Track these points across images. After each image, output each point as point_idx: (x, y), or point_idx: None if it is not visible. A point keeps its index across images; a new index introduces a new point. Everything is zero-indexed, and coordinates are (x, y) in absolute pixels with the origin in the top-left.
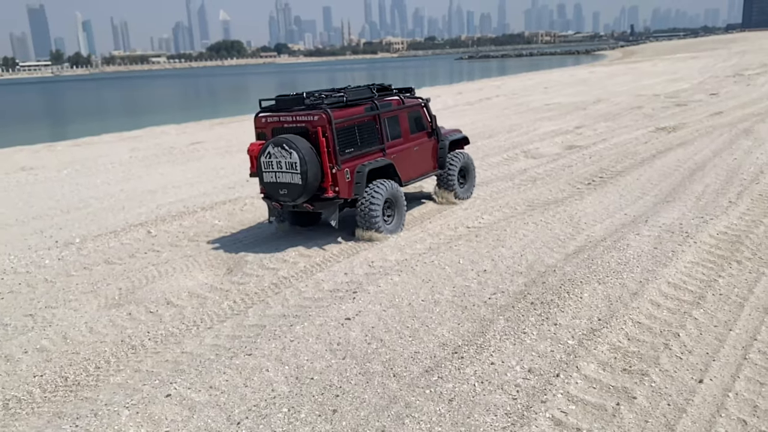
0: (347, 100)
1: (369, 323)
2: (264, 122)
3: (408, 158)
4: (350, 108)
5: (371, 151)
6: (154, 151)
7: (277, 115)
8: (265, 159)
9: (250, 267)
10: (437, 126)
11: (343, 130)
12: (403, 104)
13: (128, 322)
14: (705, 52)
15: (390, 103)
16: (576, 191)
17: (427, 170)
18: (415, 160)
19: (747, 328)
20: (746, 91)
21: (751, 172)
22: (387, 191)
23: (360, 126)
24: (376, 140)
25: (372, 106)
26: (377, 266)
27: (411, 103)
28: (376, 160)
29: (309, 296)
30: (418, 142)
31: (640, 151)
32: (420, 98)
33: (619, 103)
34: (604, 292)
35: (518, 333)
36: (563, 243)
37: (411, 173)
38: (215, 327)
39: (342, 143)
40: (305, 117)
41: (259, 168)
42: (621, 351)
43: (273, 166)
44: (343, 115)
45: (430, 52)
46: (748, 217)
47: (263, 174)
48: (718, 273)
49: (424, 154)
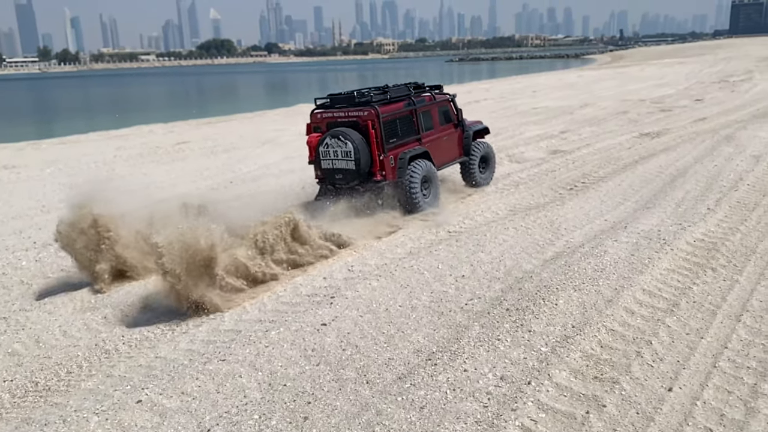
0: (390, 97)
1: (345, 329)
2: (319, 117)
3: (439, 147)
4: (393, 104)
5: (410, 140)
6: (139, 151)
7: (331, 111)
8: (323, 149)
9: None
10: (462, 118)
11: (388, 123)
12: (434, 100)
13: (103, 326)
14: (692, 57)
15: (424, 99)
16: (558, 196)
17: (455, 157)
18: (444, 149)
19: (718, 336)
20: (730, 97)
21: (731, 179)
22: (424, 170)
23: (401, 119)
24: (413, 131)
25: (410, 102)
26: (357, 271)
27: (440, 98)
28: (414, 148)
29: (286, 301)
30: (447, 133)
31: (623, 156)
32: (448, 94)
33: (605, 107)
34: (579, 299)
35: (492, 340)
36: (542, 249)
37: (442, 159)
38: (190, 332)
39: (387, 134)
40: (356, 112)
41: (317, 156)
42: (593, 359)
43: (330, 154)
44: (388, 110)
45: (420, 53)
46: (726, 225)
47: (321, 161)
48: (692, 280)
49: (452, 143)
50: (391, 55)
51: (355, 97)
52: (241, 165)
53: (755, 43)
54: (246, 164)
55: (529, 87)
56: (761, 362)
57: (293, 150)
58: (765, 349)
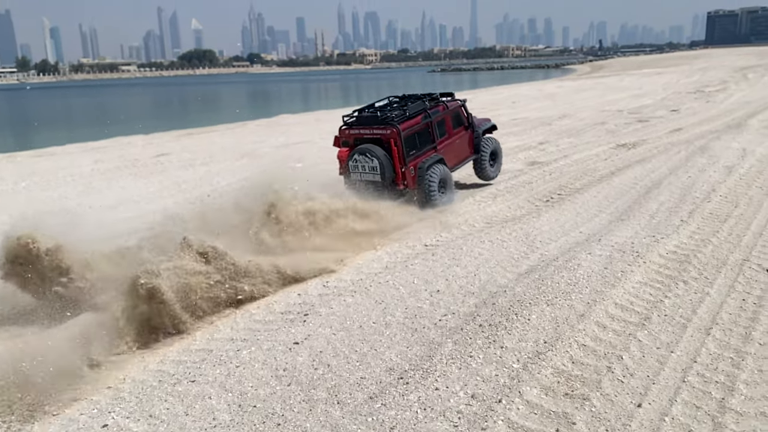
0: (409, 114)
1: (317, 347)
2: (348, 133)
3: (452, 150)
4: (412, 120)
5: (427, 149)
6: (117, 163)
7: (358, 128)
8: (352, 163)
9: None
10: (473, 120)
11: (408, 138)
12: (447, 108)
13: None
14: (670, 67)
15: (438, 110)
16: (534, 208)
17: (466, 156)
18: (457, 150)
19: (688, 350)
20: (706, 107)
21: (704, 191)
22: (440, 175)
23: (419, 133)
24: (429, 141)
25: (426, 115)
26: (332, 287)
27: (452, 106)
28: (431, 156)
29: (259, 318)
30: (459, 136)
31: (599, 168)
32: (459, 100)
33: (584, 118)
34: (552, 314)
35: (465, 357)
36: (517, 262)
37: (454, 161)
38: (161, 351)
39: (407, 148)
40: (380, 130)
41: (347, 168)
42: (564, 375)
43: (359, 168)
44: (407, 126)
45: (403, 64)
46: (698, 236)
47: (351, 173)
48: (664, 293)
49: (463, 144)
50: (374, 65)
51: (378, 117)
52: (219, 178)
53: (731, 53)
54: (224, 177)
55: (510, 98)
56: (729, 376)
57: (271, 162)
58: (733, 362)
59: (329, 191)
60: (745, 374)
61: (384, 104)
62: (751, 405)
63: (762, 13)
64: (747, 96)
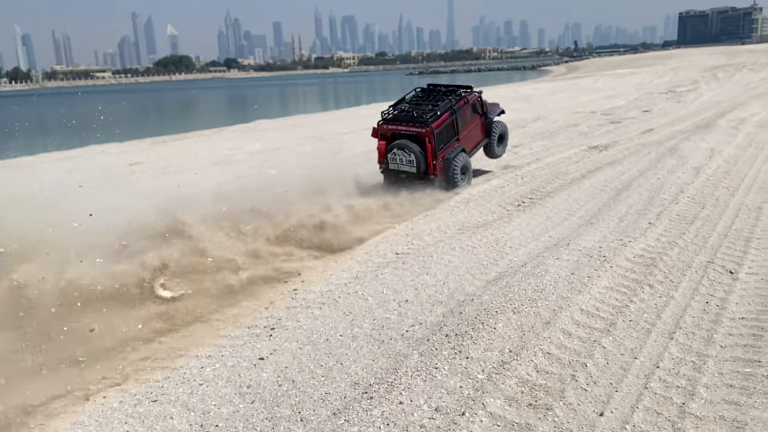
0: (440, 113)
1: (283, 363)
2: (386, 128)
3: (470, 137)
4: (442, 117)
5: (452, 141)
6: (88, 174)
7: (396, 124)
8: (391, 155)
9: None
10: (487, 109)
11: (438, 134)
12: (468, 102)
13: None
14: (643, 68)
15: (461, 105)
16: (506, 213)
17: (480, 141)
18: (474, 137)
19: (651, 356)
20: (677, 108)
21: (672, 192)
22: (462, 162)
23: (447, 128)
24: (454, 134)
25: (452, 111)
26: (300, 298)
27: (472, 98)
28: (455, 147)
29: (225, 334)
30: (475, 124)
31: (571, 170)
32: (476, 92)
33: (557, 120)
34: (518, 322)
35: (430, 368)
36: (486, 269)
37: (471, 147)
38: (125, 370)
39: (438, 143)
40: (416, 128)
41: (386, 160)
42: (528, 384)
43: (396, 160)
44: (439, 124)
45: (381, 67)
46: (665, 239)
47: (389, 164)
48: (630, 298)
49: (478, 130)
50: (352, 68)
51: (414, 116)
52: (192, 187)
53: (702, 53)
54: (196, 186)
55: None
56: (690, 380)
57: (246, 169)
58: (695, 366)
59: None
60: (706, 378)
61: (413, 96)
62: (710, 409)
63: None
64: (717, 96)
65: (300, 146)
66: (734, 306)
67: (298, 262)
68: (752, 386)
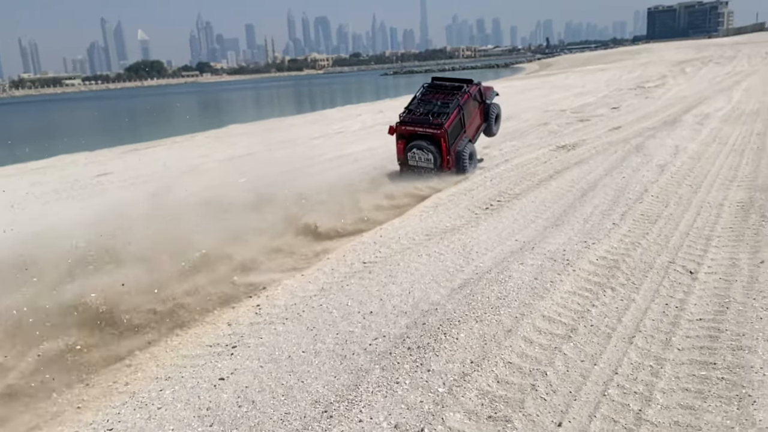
0: (449, 113)
1: (243, 382)
2: (404, 130)
3: (473, 125)
4: (452, 116)
5: (461, 135)
6: (56, 186)
7: (413, 125)
8: (410, 154)
9: None
10: (485, 96)
11: (450, 132)
12: (470, 95)
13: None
14: (613, 63)
15: (466, 100)
16: (474, 217)
17: (480, 125)
18: (475, 125)
19: (610, 361)
20: (645, 104)
21: (637, 191)
22: (469, 150)
23: (456, 124)
24: (462, 128)
25: (459, 109)
26: (264, 313)
27: (473, 90)
28: (463, 139)
29: (186, 353)
30: (476, 112)
31: (538, 171)
32: (478, 84)
33: (528, 120)
34: (480, 331)
35: (391, 383)
36: (451, 276)
37: (473, 133)
38: (82, 395)
39: (450, 140)
40: (431, 129)
41: (405, 157)
42: (489, 396)
43: (415, 158)
44: (450, 123)
45: (355, 68)
46: (628, 239)
47: (408, 161)
48: (592, 302)
49: (478, 117)
50: (326, 70)
51: (430, 120)
52: (158, 198)
53: (670, 47)
54: (164, 197)
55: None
56: (647, 386)
57: (216, 177)
58: (652, 370)
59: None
60: (663, 382)
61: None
62: (666, 415)
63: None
64: (684, 90)
65: (271, 152)
66: (693, 307)
67: (266, 275)
68: (707, 389)
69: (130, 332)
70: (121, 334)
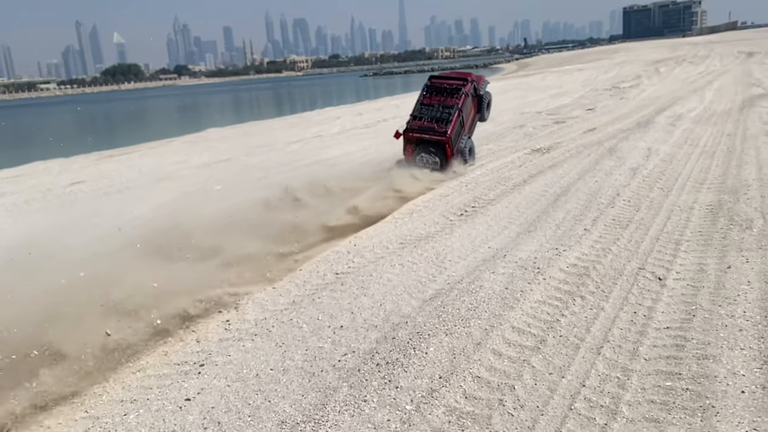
0: (451, 118)
1: (210, 403)
2: (412, 136)
3: (469, 120)
4: (453, 122)
5: (461, 133)
6: (27, 196)
7: (420, 132)
8: (419, 158)
9: None
10: (479, 89)
11: (453, 138)
12: (467, 95)
13: None
14: (590, 63)
15: (464, 101)
16: (448, 224)
17: (475, 116)
18: (471, 119)
19: (578, 374)
20: (619, 105)
21: (609, 195)
22: (469, 146)
23: (457, 126)
24: (461, 126)
25: (459, 112)
26: (233, 329)
27: (468, 88)
28: (463, 137)
29: (153, 373)
30: (472, 107)
31: (513, 176)
32: (472, 81)
33: (504, 122)
34: (450, 345)
35: (359, 401)
36: (423, 287)
37: (470, 126)
38: (38, 419)
39: (453, 143)
40: (437, 137)
41: (414, 159)
42: (456, 413)
43: (423, 161)
44: (452, 128)
45: (335, 69)
46: (599, 245)
47: (417, 162)
48: (561, 312)
49: (473, 110)
50: (305, 71)
51: (435, 128)
52: (133, 207)
53: (646, 46)
54: (138, 206)
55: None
56: (614, 398)
57: (192, 184)
58: (619, 382)
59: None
60: (629, 394)
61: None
62: (631, 428)
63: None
64: (658, 91)
65: (248, 157)
66: (660, 315)
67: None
68: (671, 401)
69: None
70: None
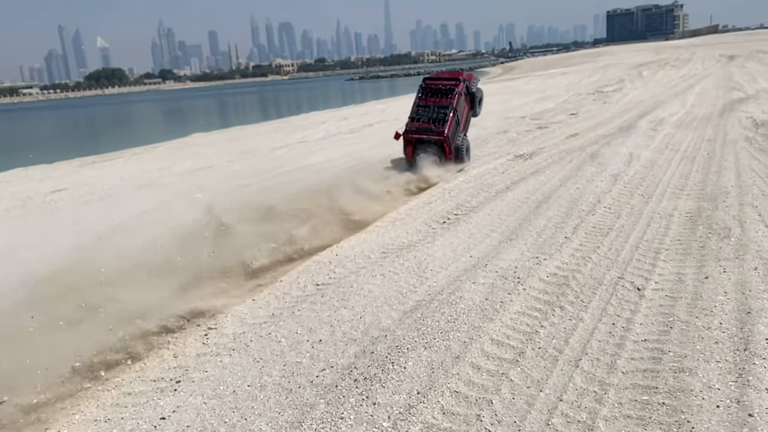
0: (447, 118)
1: (185, 421)
2: (412, 137)
3: (464, 118)
4: (449, 121)
5: (457, 131)
6: (6, 204)
7: (419, 133)
8: (419, 156)
9: None
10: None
11: (450, 136)
12: (460, 94)
13: None
14: (574, 66)
15: (458, 100)
16: (431, 232)
17: (469, 113)
18: (465, 116)
19: (556, 387)
20: (602, 109)
21: (590, 202)
22: (465, 144)
23: (453, 125)
24: (457, 124)
25: (454, 111)
26: (211, 344)
27: (461, 88)
28: (458, 135)
29: (129, 391)
30: (466, 105)
31: (496, 182)
32: (464, 80)
33: (488, 127)
34: (428, 359)
35: (336, 419)
36: (404, 298)
37: (465, 122)
38: None
39: (450, 141)
40: (435, 136)
41: (414, 158)
42: (434, 429)
43: (423, 160)
44: (449, 127)
45: (320, 73)
46: (579, 254)
47: (417, 161)
48: (541, 323)
49: (467, 107)
50: (291, 75)
51: (432, 128)
52: (114, 215)
53: (629, 50)
54: (119, 213)
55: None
56: (590, 413)
57: (175, 191)
58: (596, 396)
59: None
60: (606, 409)
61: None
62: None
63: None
64: (640, 95)
65: (231, 164)
66: (638, 327)
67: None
68: (648, 416)
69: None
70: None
